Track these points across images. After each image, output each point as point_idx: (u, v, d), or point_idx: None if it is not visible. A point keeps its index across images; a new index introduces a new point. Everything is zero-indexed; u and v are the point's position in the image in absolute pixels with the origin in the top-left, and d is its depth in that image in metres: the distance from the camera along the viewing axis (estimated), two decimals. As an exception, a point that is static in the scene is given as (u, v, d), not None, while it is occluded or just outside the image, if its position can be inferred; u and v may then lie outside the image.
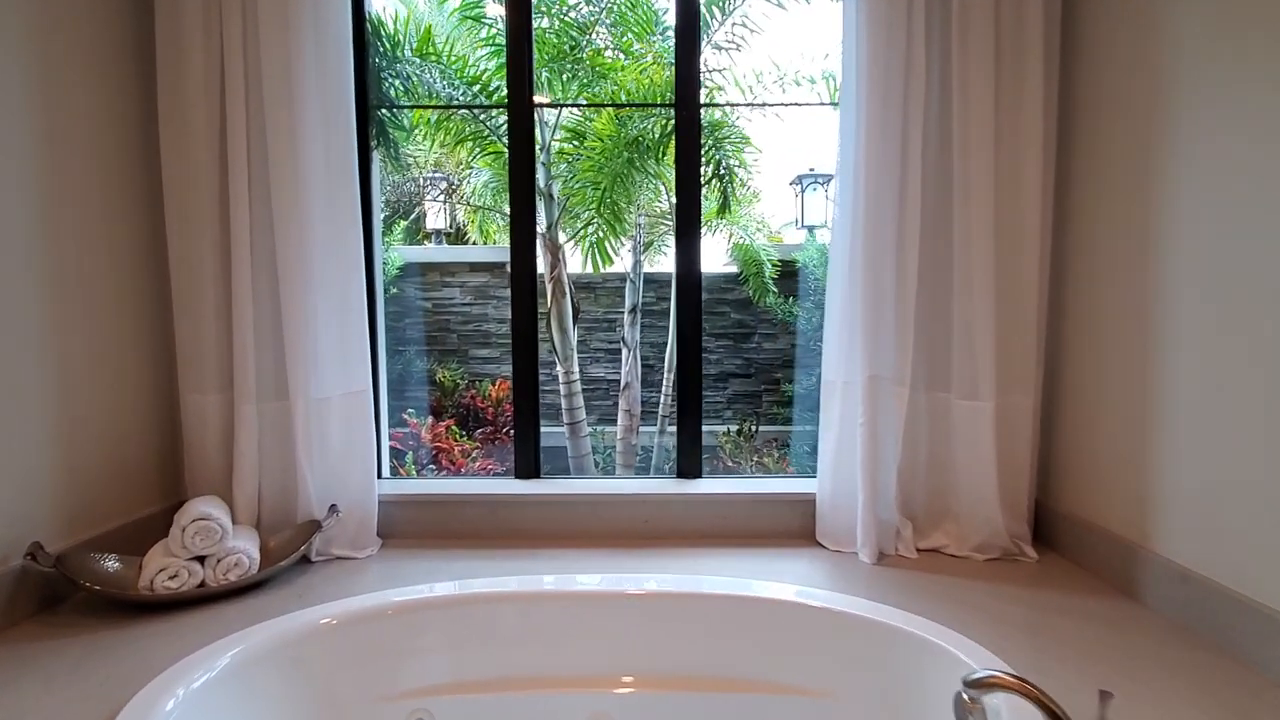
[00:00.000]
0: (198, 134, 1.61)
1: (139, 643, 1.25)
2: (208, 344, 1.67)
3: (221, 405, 1.69)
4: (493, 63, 3.16)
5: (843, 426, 1.75)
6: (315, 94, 1.63)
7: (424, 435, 3.81)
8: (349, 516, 1.73)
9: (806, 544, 1.82)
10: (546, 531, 1.86)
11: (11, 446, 1.33)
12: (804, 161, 4.54)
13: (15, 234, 1.35)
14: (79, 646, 1.24)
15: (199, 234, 1.64)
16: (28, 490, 1.37)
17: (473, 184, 4.59)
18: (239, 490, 1.65)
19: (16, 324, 1.35)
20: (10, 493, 1.33)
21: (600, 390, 4.82)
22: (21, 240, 1.37)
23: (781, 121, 3.31)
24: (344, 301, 1.71)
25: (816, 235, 4.59)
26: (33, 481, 1.38)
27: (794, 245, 4.66)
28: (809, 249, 4.31)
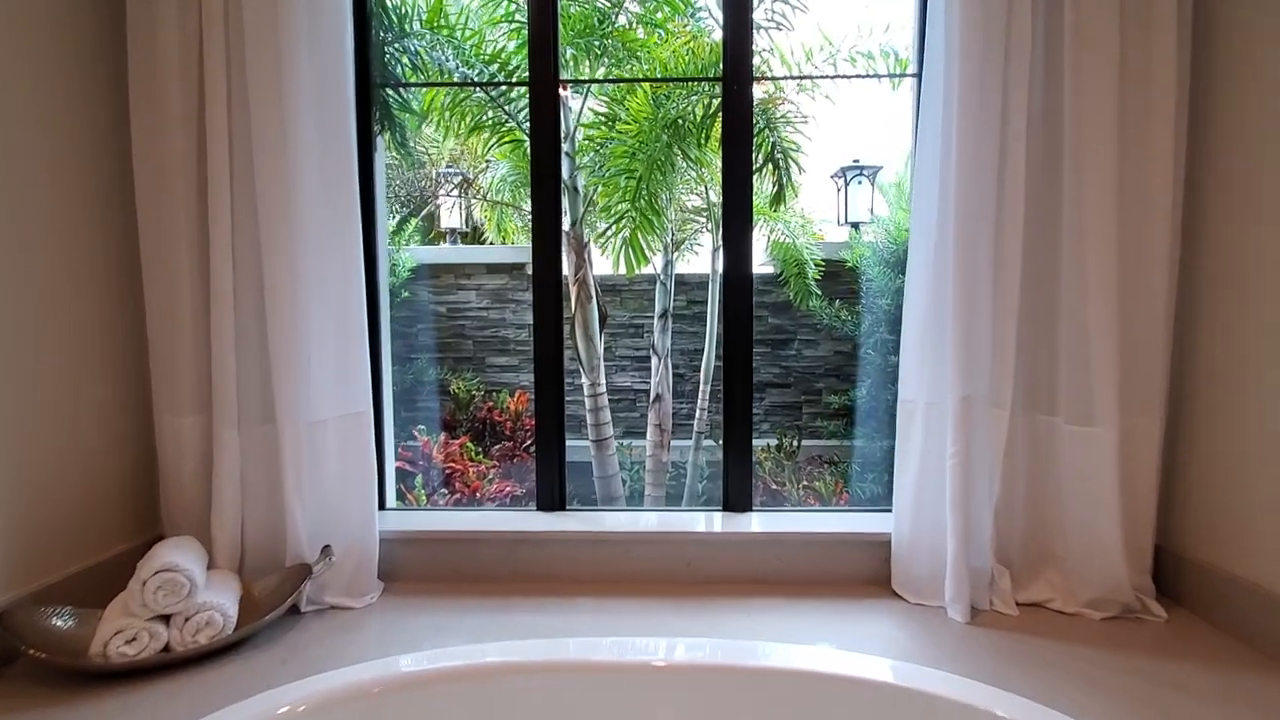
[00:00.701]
0: (172, 118, 1.43)
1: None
2: (184, 358, 1.48)
3: (199, 429, 1.49)
4: (512, 43, 2.95)
5: (926, 456, 1.51)
6: (307, 71, 1.44)
7: (435, 454, 3.60)
8: (346, 558, 1.52)
9: (880, 594, 1.58)
10: (573, 574, 1.65)
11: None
12: (846, 152, 4.29)
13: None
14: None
15: (174, 232, 1.46)
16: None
17: (490, 178, 4.39)
18: (218, 529, 1.46)
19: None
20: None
21: (626, 401, 4.59)
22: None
23: (833, 105, 3.05)
24: (341, 309, 1.51)
25: (862, 232, 4.33)
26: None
27: (837, 243, 4.39)
28: (857, 247, 4.04)
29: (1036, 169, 1.44)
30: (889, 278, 3.78)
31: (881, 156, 4.22)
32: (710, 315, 3.98)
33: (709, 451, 4.03)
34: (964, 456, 1.43)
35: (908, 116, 1.72)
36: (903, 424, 1.56)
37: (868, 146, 4.99)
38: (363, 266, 1.55)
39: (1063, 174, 1.44)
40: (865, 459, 3.95)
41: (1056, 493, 1.51)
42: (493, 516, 1.76)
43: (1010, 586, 1.50)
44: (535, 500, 1.80)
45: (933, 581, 1.51)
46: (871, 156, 4.29)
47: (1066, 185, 1.43)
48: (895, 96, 4.01)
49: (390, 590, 1.59)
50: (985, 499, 1.49)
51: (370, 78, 1.76)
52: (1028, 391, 1.51)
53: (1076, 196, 1.42)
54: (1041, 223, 1.46)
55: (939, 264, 1.46)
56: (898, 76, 2.86)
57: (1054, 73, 1.43)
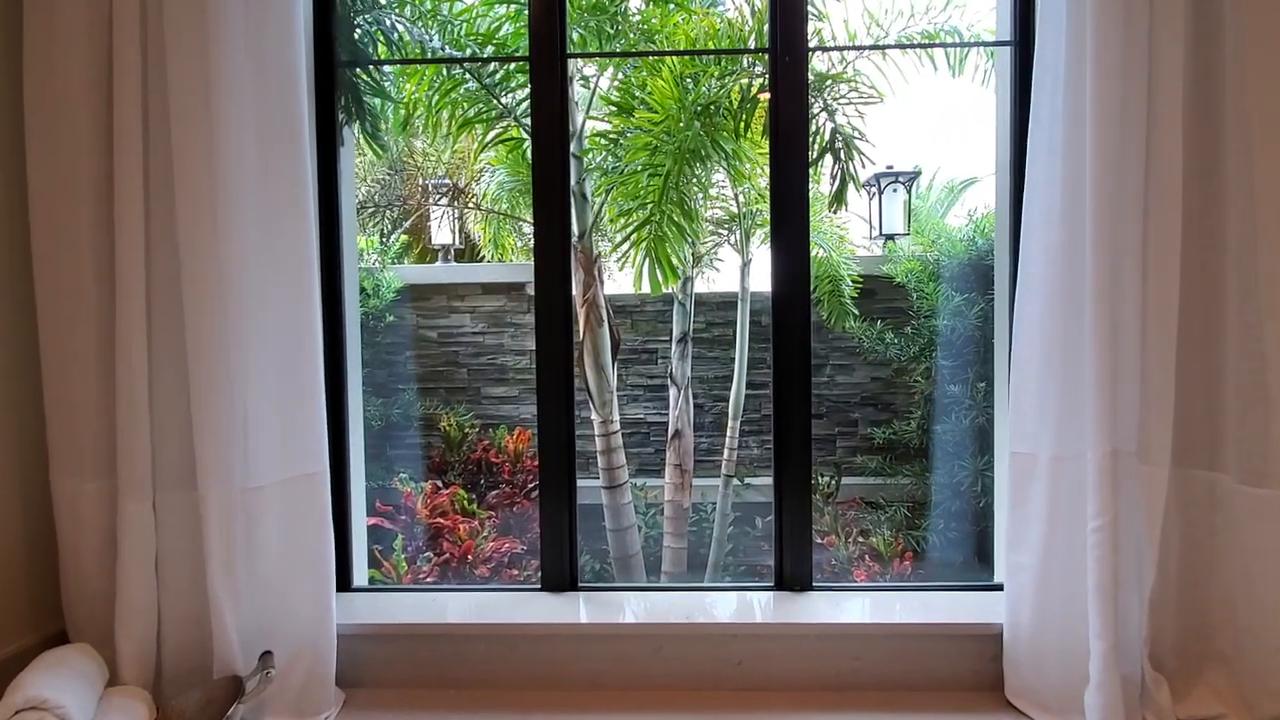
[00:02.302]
0: (75, 116, 1.16)
1: None
2: (83, 403, 1.19)
3: (103, 497, 1.19)
4: (510, 26, 2.67)
5: (1055, 525, 1.20)
6: (241, 45, 1.17)
7: (419, 509, 3.25)
8: (293, 666, 1.23)
9: (990, 705, 1.27)
10: (588, 678, 1.34)
11: None
12: (880, 158, 4.00)
13: None
14: None
15: (74, 249, 1.20)
16: None
17: (485, 185, 4.10)
18: (124, 632, 1.17)
19: None
20: None
21: (639, 435, 4.26)
22: None
23: (882, 101, 2.75)
24: (290, 345, 1.23)
25: (898, 244, 4.02)
26: None
27: (873, 257, 4.08)
28: (904, 261, 3.71)
29: (1194, 156, 1.15)
30: (944, 295, 3.47)
31: (917, 158, 3.95)
32: (739, 339, 3.66)
33: (735, 493, 3.70)
34: (1114, 528, 1.12)
35: (956, 111, 1.43)
36: (1016, 483, 1.25)
37: (901, 151, 4.72)
38: (317, 292, 1.27)
39: (1225, 161, 1.15)
40: (918, 501, 3.58)
41: (1221, 573, 1.21)
42: (485, 601, 1.45)
43: (1170, 700, 1.19)
44: (540, 573, 1.48)
45: (1066, 692, 1.21)
46: (905, 161, 4.02)
47: (1232, 175, 1.14)
48: (942, 91, 3.76)
49: (354, 703, 1.30)
50: (1135, 583, 1.18)
51: (334, 57, 1.49)
52: (1180, 441, 1.20)
53: (1247, 189, 1.13)
54: (1199, 226, 1.17)
55: (1065, 279, 1.18)
56: (991, 45, 2.57)
57: (1210, 25, 1.14)
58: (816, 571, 1.49)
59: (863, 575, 3.11)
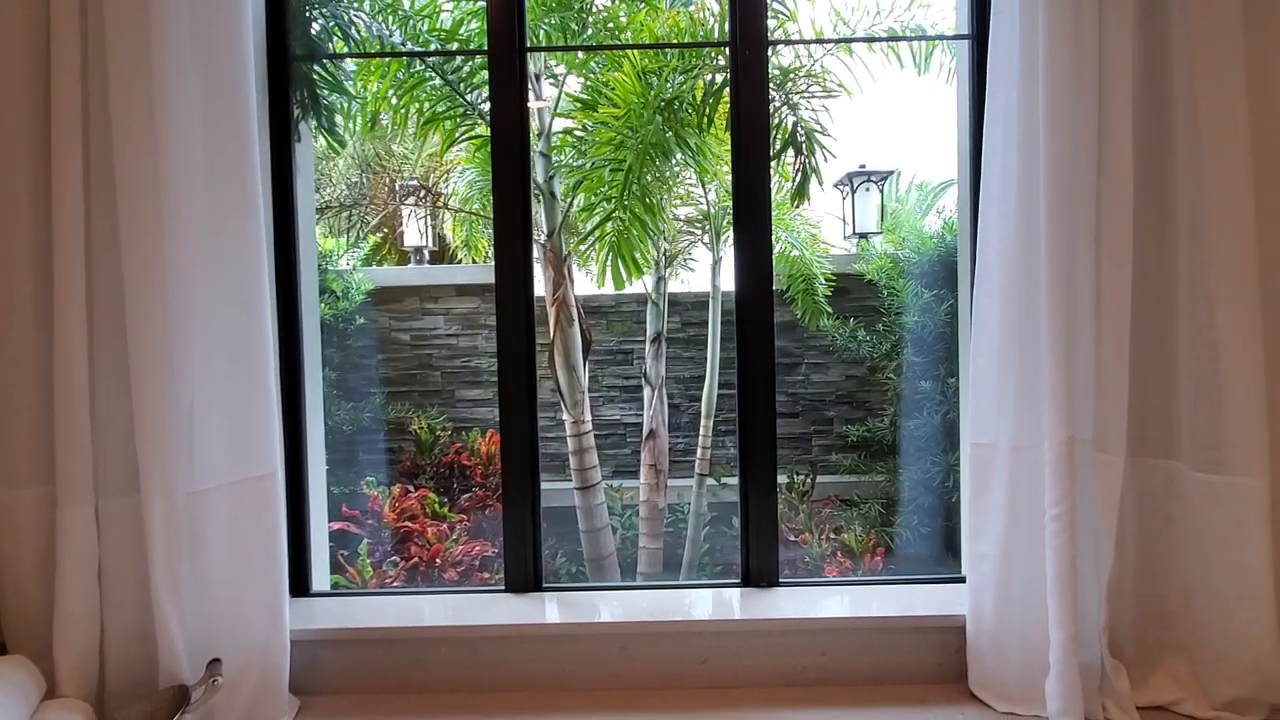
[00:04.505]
0: (10, 109, 1.12)
1: None
2: (19, 408, 1.14)
3: (40, 503, 1.15)
4: (476, 24, 2.64)
5: (1014, 516, 1.20)
6: (185, 34, 1.13)
7: (386, 512, 3.19)
8: (243, 674, 1.19)
9: (954, 697, 1.27)
10: (553, 679, 1.31)
11: None
12: (852, 157, 4.03)
13: None
14: None
15: (6, 235, 1.13)
16: None
17: (454, 185, 4.06)
18: (63, 643, 1.12)
19: None
20: None
21: (615, 437, 4.24)
22: None
23: (849, 98, 2.76)
24: (240, 343, 1.20)
25: (872, 243, 4.05)
26: None
27: (847, 255, 4.11)
28: (876, 259, 3.73)
29: (1144, 148, 1.17)
30: (913, 292, 3.50)
31: (888, 160, 3.97)
32: (711, 338, 3.66)
33: (710, 493, 3.69)
34: (1071, 516, 1.12)
35: (927, 111, 1.44)
36: (976, 474, 1.25)
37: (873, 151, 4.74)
38: (267, 290, 1.23)
39: (1175, 153, 1.16)
40: (891, 498, 3.60)
41: (1179, 561, 1.22)
42: (446, 604, 1.42)
43: (1129, 687, 1.19)
44: (505, 580, 1.46)
45: (1027, 682, 1.20)
46: (879, 161, 4.05)
47: (1181, 166, 1.16)
48: (912, 90, 3.80)
49: (309, 710, 1.26)
50: (1094, 571, 1.18)
51: (288, 52, 1.46)
52: (1136, 430, 1.20)
53: (1196, 179, 1.14)
54: (1151, 217, 1.18)
55: (1021, 272, 1.18)
56: (949, 39, 2.59)
57: (1159, 15, 1.16)
58: (790, 569, 1.48)
59: (834, 572, 3.12)
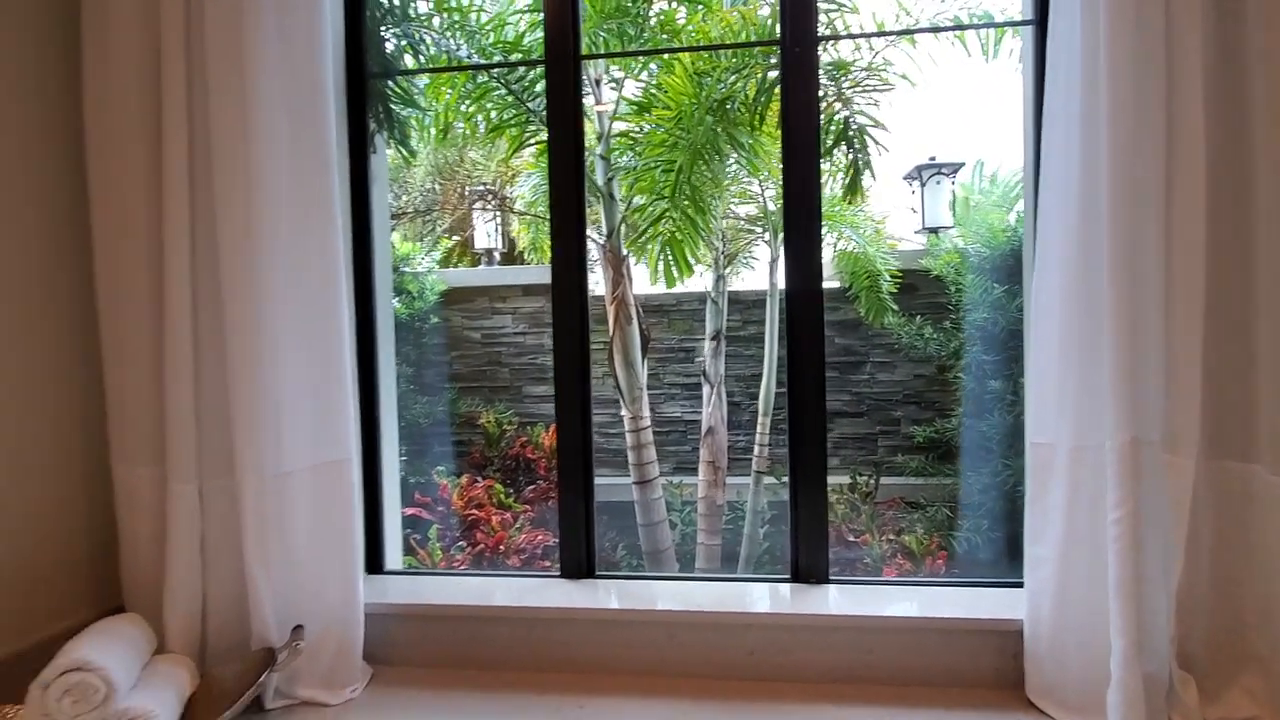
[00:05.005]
0: (129, 123, 1.25)
1: None
2: (138, 394, 1.29)
3: (155, 482, 1.28)
4: (538, 33, 2.75)
5: (1074, 519, 1.16)
6: (274, 55, 1.24)
7: (455, 500, 3.35)
8: (322, 641, 1.28)
9: (1011, 703, 1.24)
10: (603, 663, 1.36)
11: None
12: (920, 151, 3.90)
13: None
14: None
15: (129, 249, 1.28)
16: None
17: (520, 190, 4.20)
18: (171, 605, 1.25)
19: None
20: None
21: (676, 434, 4.27)
22: None
23: (912, 87, 2.69)
24: (321, 336, 1.30)
25: (943, 237, 3.90)
26: None
27: (914, 251, 3.98)
28: (943, 254, 3.60)
29: (1218, 132, 1.10)
30: (984, 287, 3.35)
31: (963, 152, 3.82)
32: (769, 336, 3.63)
33: (770, 491, 3.66)
34: (1135, 520, 1.08)
35: (999, 100, 1.39)
36: (1036, 474, 1.22)
37: (945, 143, 4.58)
38: (347, 285, 1.33)
39: (1253, 137, 1.09)
40: (962, 502, 3.46)
41: (1257, 570, 1.15)
42: (506, 585, 1.49)
43: (1198, 701, 1.13)
44: (561, 567, 1.52)
45: (1088, 691, 1.16)
46: (950, 153, 3.90)
47: (1260, 151, 1.09)
48: (983, 79, 3.62)
49: (380, 679, 1.35)
50: (1162, 578, 1.13)
51: (364, 69, 1.57)
52: (1211, 431, 1.14)
53: (1274, 159, 1.07)
54: (1226, 205, 1.11)
55: (1082, 263, 1.14)
56: (1009, 25, 2.48)
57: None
58: (849, 570, 1.48)
59: (893, 574, 3.03)
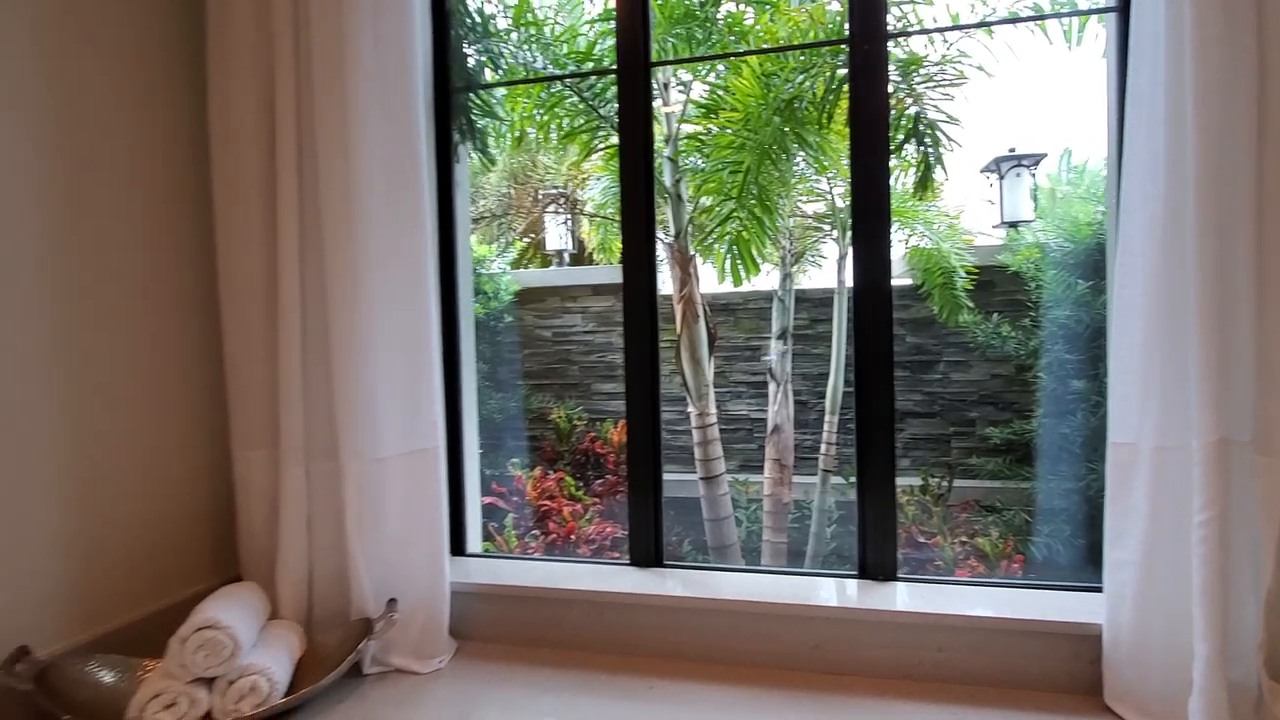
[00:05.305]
0: (245, 136, 1.40)
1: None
2: (256, 385, 1.42)
3: (269, 464, 1.42)
4: (609, 40, 2.82)
5: (1157, 521, 1.12)
6: (373, 74, 1.35)
7: (528, 491, 3.48)
8: (413, 615, 1.39)
9: (1087, 708, 1.21)
10: (669, 648, 1.40)
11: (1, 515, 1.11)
12: (999, 143, 3.74)
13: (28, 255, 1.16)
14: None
15: (246, 251, 1.42)
16: (21, 575, 1.14)
17: (590, 192, 4.31)
18: (283, 575, 1.38)
19: (25, 361, 1.15)
20: (-8, 583, 1.10)
21: (742, 431, 4.28)
22: (33, 261, 1.17)
23: (988, 78, 2.60)
24: (412, 334, 1.40)
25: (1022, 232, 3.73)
26: (34, 560, 1.16)
27: (992, 246, 3.82)
28: (1022, 249, 3.45)
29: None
30: (1066, 284, 3.19)
31: (1047, 143, 3.63)
32: (836, 334, 3.59)
33: (838, 491, 3.61)
34: (1222, 522, 1.04)
35: (1085, 88, 1.35)
36: (1117, 475, 1.18)
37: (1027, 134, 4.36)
38: (435, 287, 1.44)
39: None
40: (1041, 507, 3.30)
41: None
42: (580, 572, 1.56)
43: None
44: (630, 555, 1.58)
45: (1169, 697, 1.12)
46: (1032, 144, 3.73)
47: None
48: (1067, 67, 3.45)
49: (464, 652, 1.44)
50: (1250, 583, 1.08)
51: (449, 84, 1.67)
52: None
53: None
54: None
55: (1168, 256, 1.09)
56: (1090, 13, 2.36)
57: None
58: (919, 572, 1.47)
59: (965, 575, 2.94)
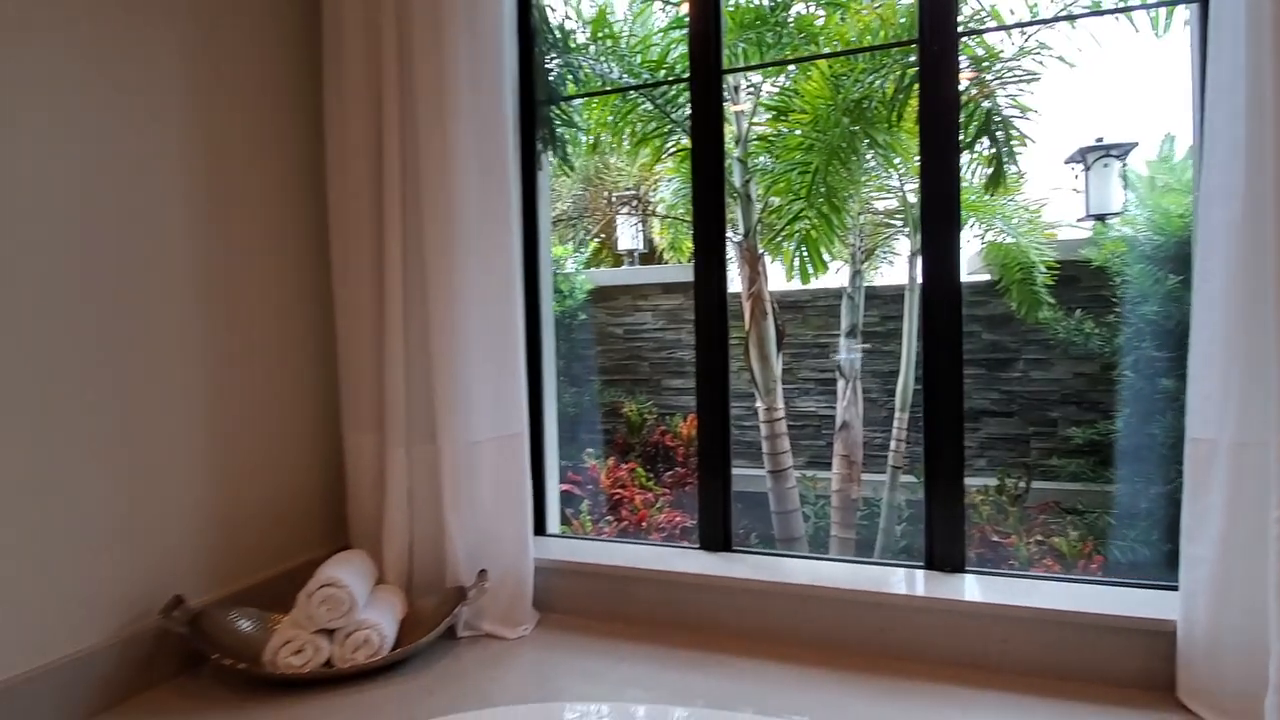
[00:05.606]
0: (358, 143, 1.55)
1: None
2: (365, 374, 1.58)
3: (376, 446, 1.58)
4: (680, 48, 2.90)
5: (1234, 517, 1.11)
6: (468, 91, 1.48)
7: (602, 479, 3.62)
8: (501, 585, 1.51)
9: (1159, 704, 1.19)
10: (737, 628, 1.47)
11: (159, 487, 1.30)
12: (1085, 132, 3.58)
13: (176, 251, 1.35)
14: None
15: (356, 261, 1.57)
16: (177, 535, 1.33)
17: (661, 193, 4.40)
18: (388, 545, 1.52)
19: (172, 346, 1.34)
20: (156, 539, 1.30)
21: (810, 428, 4.26)
22: (181, 258, 1.36)
23: (1069, 69, 2.52)
24: (499, 329, 1.52)
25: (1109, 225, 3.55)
26: (183, 525, 1.35)
27: (1076, 240, 3.65)
28: (1107, 243, 3.29)
29: None
30: (1154, 278, 3.02)
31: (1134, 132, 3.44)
32: (906, 331, 3.53)
33: (909, 489, 3.56)
34: (1302, 521, 1.02)
35: (1175, 77, 1.32)
36: (1195, 471, 1.17)
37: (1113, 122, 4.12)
38: (521, 287, 1.55)
39: None
40: (1126, 510, 3.14)
41: None
42: (653, 553, 1.64)
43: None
44: (700, 540, 1.65)
45: (1245, 695, 1.10)
46: (1119, 133, 3.53)
47: None
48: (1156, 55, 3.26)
49: (546, 622, 1.55)
50: (1338, 585, 1.04)
51: (534, 96, 1.78)
52: None
53: None
54: None
55: (1248, 252, 1.08)
56: (1169, 4, 2.25)
57: None
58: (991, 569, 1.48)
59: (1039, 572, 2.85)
